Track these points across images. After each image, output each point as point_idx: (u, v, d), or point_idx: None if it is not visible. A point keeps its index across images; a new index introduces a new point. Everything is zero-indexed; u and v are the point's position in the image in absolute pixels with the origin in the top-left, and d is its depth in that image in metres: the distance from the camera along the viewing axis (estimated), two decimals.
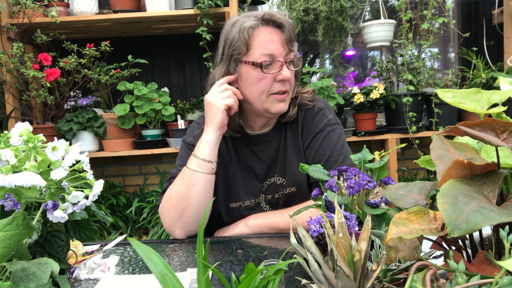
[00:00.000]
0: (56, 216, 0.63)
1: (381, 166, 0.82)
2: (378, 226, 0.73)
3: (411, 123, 2.28)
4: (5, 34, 2.25)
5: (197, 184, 1.08)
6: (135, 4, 2.36)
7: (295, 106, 1.22)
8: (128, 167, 2.83)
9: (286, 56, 1.12)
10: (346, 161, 1.16)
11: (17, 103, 2.32)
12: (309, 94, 1.25)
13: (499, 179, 0.48)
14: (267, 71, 1.11)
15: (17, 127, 0.63)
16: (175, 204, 1.09)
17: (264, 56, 1.10)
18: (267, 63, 1.10)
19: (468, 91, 0.61)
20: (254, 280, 0.51)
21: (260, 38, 1.11)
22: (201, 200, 1.08)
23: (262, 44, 1.10)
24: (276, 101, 1.14)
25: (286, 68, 1.11)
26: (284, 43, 1.11)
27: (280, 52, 1.11)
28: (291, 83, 1.15)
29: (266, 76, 1.11)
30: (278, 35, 1.11)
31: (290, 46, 1.12)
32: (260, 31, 1.11)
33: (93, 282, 0.81)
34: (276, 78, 1.11)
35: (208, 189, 1.10)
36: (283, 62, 1.11)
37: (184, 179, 1.10)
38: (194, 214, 1.08)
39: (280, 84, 1.12)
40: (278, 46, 1.10)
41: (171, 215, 1.10)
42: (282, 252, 0.94)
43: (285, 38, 1.11)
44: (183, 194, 1.08)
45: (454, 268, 0.41)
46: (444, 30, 2.31)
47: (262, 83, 1.12)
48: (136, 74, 2.40)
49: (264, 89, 1.12)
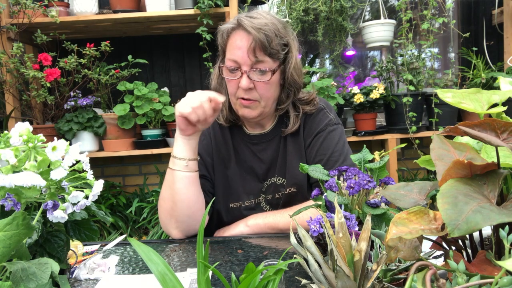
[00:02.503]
0: (56, 216, 0.63)
1: (381, 166, 0.82)
2: (378, 226, 0.73)
3: (411, 123, 2.28)
4: (5, 34, 2.25)
5: (176, 182, 1.08)
6: (135, 4, 2.36)
7: (297, 119, 1.20)
8: (128, 167, 2.83)
9: (254, 65, 1.08)
10: (347, 161, 1.16)
11: (17, 103, 2.32)
12: (311, 106, 1.23)
13: (499, 179, 0.48)
14: (231, 76, 1.12)
15: (17, 127, 0.63)
16: (164, 205, 1.11)
17: (229, 61, 1.11)
18: (231, 68, 1.11)
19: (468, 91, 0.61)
20: (254, 280, 0.51)
21: (231, 43, 1.11)
22: (184, 198, 1.08)
23: (231, 49, 1.11)
24: (241, 106, 1.14)
25: (245, 77, 1.08)
26: (250, 52, 1.07)
27: (245, 60, 1.08)
28: (259, 92, 1.11)
29: (230, 80, 1.13)
30: (248, 41, 1.07)
31: (259, 54, 1.07)
32: (234, 35, 1.10)
33: (93, 282, 0.81)
34: (238, 85, 1.11)
35: (190, 187, 1.09)
36: (243, 71, 1.09)
37: (166, 179, 1.11)
38: (181, 212, 1.08)
39: (242, 91, 1.11)
40: (243, 53, 1.07)
41: (163, 217, 1.12)
42: (282, 252, 0.94)
43: (252, 46, 1.06)
44: (168, 194, 1.10)
45: (454, 268, 0.41)
46: (444, 30, 2.32)
47: (229, 85, 1.15)
48: (136, 74, 2.40)
49: (231, 91, 1.15)
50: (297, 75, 1.16)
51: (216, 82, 1.22)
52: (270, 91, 1.14)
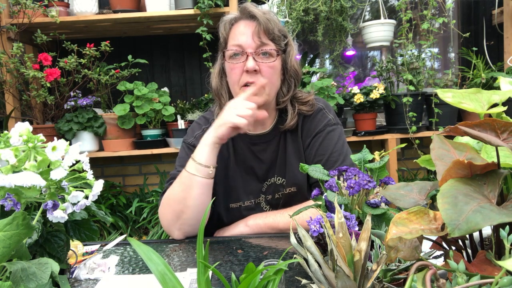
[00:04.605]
0: (56, 216, 0.63)
1: (381, 166, 0.82)
2: (378, 226, 0.73)
3: (411, 123, 2.28)
4: (5, 34, 2.25)
5: (194, 187, 1.07)
6: (135, 4, 2.36)
7: (294, 114, 1.21)
8: (128, 167, 2.83)
9: (259, 48, 1.11)
10: (346, 161, 1.16)
11: (17, 103, 2.33)
12: (307, 107, 1.23)
13: (499, 179, 0.48)
14: (235, 61, 1.13)
15: (17, 127, 0.63)
16: (173, 206, 1.09)
17: (232, 46, 1.13)
18: (233, 53, 1.12)
19: (468, 91, 0.61)
20: (254, 280, 0.51)
21: (234, 31, 1.14)
22: (198, 203, 1.08)
23: (234, 36, 1.14)
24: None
25: (251, 59, 1.10)
26: (255, 34, 1.10)
27: (249, 43, 1.11)
28: (264, 75, 1.12)
29: (234, 66, 1.13)
30: (252, 27, 1.11)
31: (264, 37, 1.11)
32: (237, 24, 1.14)
33: (93, 282, 0.81)
34: (244, 69, 1.12)
35: (206, 193, 1.09)
36: (249, 53, 1.10)
37: (182, 181, 1.09)
38: (191, 216, 1.08)
39: (248, 75, 1.12)
40: (247, 37, 1.11)
41: (169, 217, 1.10)
42: (282, 252, 0.94)
43: (257, 30, 1.10)
44: (181, 197, 1.08)
45: (454, 268, 0.41)
46: (444, 30, 2.32)
47: (232, 74, 1.15)
48: (136, 74, 2.40)
49: (234, 79, 1.14)
50: (297, 66, 1.20)
51: (216, 82, 1.22)
52: (274, 77, 1.15)
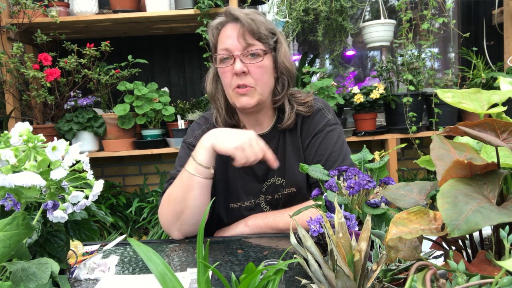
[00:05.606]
0: (56, 216, 0.63)
1: (381, 166, 0.81)
2: (378, 226, 0.73)
3: (411, 123, 2.28)
4: (5, 34, 2.25)
5: (194, 187, 1.07)
6: (135, 4, 2.36)
7: (292, 113, 1.20)
8: (128, 167, 2.83)
9: (245, 49, 1.11)
10: (346, 161, 1.16)
11: (17, 103, 2.33)
12: (305, 108, 1.22)
13: (499, 179, 0.48)
14: (225, 65, 1.13)
15: (17, 127, 0.63)
16: (173, 206, 1.09)
17: (220, 51, 1.14)
18: (222, 57, 1.13)
19: (468, 91, 0.61)
20: (254, 280, 0.51)
21: (221, 35, 1.15)
22: (198, 203, 1.08)
23: (222, 40, 1.14)
24: (238, 96, 1.14)
25: (238, 61, 1.10)
26: (240, 36, 1.10)
27: (235, 46, 1.11)
28: (254, 77, 1.13)
29: (224, 70, 1.14)
30: (236, 29, 1.11)
31: (249, 38, 1.11)
32: (224, 28, 1.15)
33: (93, 282, 0.81)
34: (233, 72, 1.12)
35: (205, 193, 1.09)
36: (236, 55, 1.11)
37: (182, 181, 1.09)
38: (191, 217, 1.08)
39: (238, 78, 1.12)
40: (233, 40, 1.11)
41: (168, 217, 1.10)
42: (282, 252, 0.94)
43: (242, 32, 1.10)
44: (181, 197, 1.08)
45: (454, 268, 0.41)
46: (444, 30, 2.31)
47: (224, 77, 1.16)
48: (136, 74, 2.40)
49: (226, 83, 1.15)
50: (288, 63, 1.20)
51: (211, 86, 1.23)
52: (264, 76, 1.15)
